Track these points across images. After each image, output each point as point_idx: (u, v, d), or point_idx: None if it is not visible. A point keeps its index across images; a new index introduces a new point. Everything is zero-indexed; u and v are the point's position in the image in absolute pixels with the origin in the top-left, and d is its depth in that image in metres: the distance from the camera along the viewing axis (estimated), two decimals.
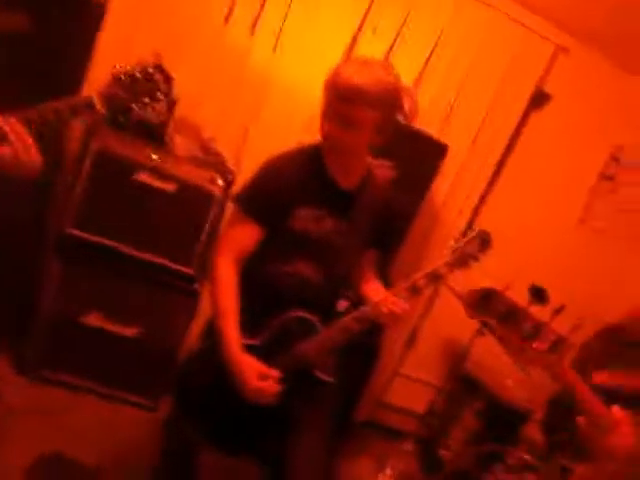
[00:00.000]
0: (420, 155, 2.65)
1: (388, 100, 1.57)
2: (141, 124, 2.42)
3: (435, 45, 2.78)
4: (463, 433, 2.73)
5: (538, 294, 2.56)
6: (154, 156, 2.38)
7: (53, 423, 2.22)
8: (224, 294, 1.61)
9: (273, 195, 1.62)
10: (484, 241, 1.66)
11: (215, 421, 1.67)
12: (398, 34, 2.73)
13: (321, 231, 1.65)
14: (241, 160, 2.72)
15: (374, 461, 2.69)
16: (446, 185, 2.93)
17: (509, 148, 2.97)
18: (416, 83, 2.80)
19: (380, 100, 1.54)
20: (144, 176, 2.36)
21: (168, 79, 1.49)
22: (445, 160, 2.74)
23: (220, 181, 2.43)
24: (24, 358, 2.43)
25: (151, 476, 1.94)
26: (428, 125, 2.81)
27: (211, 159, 2.56)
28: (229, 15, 2.62)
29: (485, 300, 1.44)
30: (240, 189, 1.69)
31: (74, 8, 2.31)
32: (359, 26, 2.71)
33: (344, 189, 1.68)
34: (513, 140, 2.96)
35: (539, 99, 2.90)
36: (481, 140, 2.92)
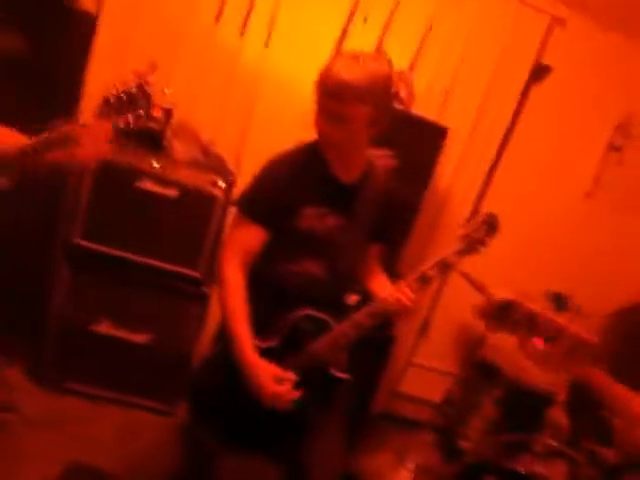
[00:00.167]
0: (421, 141, 2.60)
1: (380, 92, 1.54)
2: (141, 132, 2.44)
3: (428, 27, 2.72)
4: (482, 422, 2.67)
5: (558, 300, 2.53)
6: (155, 163, 2.40)
7: (69, 433, 2.25)
8: (233, 298, 1.61)
9: (275, 196, 1.61)
10: (491, 225, 1.63)
11: (231, 424, 1.66)
12: (389, 20, 2.68)
13: (326, 228, 1.63)
14: (241, 160, 2.72)
15: (394, 454, 2.67)
16: (449, 169, 2.87)
17: (511, 125, 2.89)
18: (411, 67, 2.74)
19: (371, 93, 1.51)
20: (146, 183, 2.38)
21: (149, 98, 1.55)
22: (446, 143, 2.69)
23: (222, 183, 2.44)
24: (38, 368, 2.47)
25: None
26: (426, 109, 2.76)
27: (211, 162, 2.56)
28: (219, 14, 2.61)
29: (503, 312, 1.41)
30: (241, 192, 1.68)
31: (66, 23, 2.33)
32: (350, 16, 2.67)
33: (346, 184, 1.66)
34: (515, 117, 2.88)
35: (539, 72, 2.83)
36: (482, 120, 2.85)
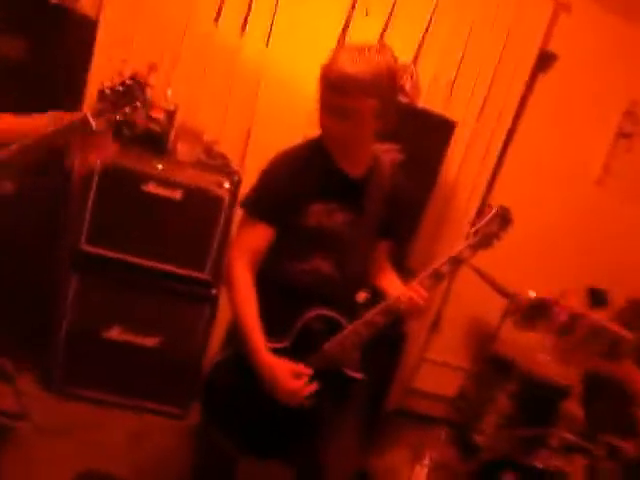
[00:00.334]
0: (427, 134, 2.56)
1: (385, 84, 1.50)
2: (144, 135, 2.43)
3: (431, 18, 2.69)
4: (497, 416, 2.64)
5: (597, 297, 2.50)
6: (159, 166, 2.38)
7: (81, 439, 2.24)
8: (243, 298, 1.59)
9: (281, 194, 1.59)
10: (504, 218, 1.60)
11: (245, 426, 1.65)
12: (391, 12, 2.65)
13: (334, 225, 1.61)
14: (245, 160, 2.70)
15: (409, 451, 2.64)
16: (456, 162, 2.83)
17: (518, 115, 2.85)
18: (415, 60, 2.71)
19: (375, 86, 1.48)
20: (151, 186, 2.37)
21: (142, 87, 1.54)
22: (454, 137, 2.66)
23: (227, 183, 2.42)
24: (49, 375, 2.47)
25: None
26: (432, 102, 2.73)
27: (216, 162, 2.55)
28: (218, 14, 2.59)
29: (538, 311, 1.39)
30: (247, 193, 1.66)
31: (66, 27, 2.32)
32: (351, 9, 2.64)
33: (352, 179, 1.63)
34: (522, 106, 2.84)
35: (545, 60, 2.79)
36: (488, 110, 2.82)
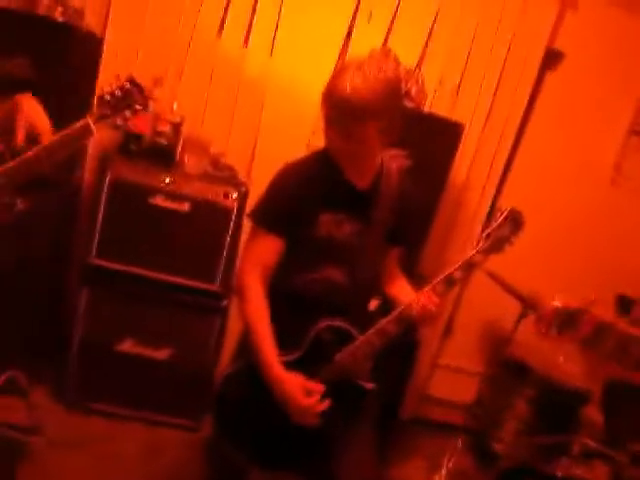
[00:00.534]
0: (435, 138, 2.54)
1: (392, 103, 1.49)
2: (151, 149, 2.45)
3: (434, 21, 2.66)
4: (516, 423, 2.57)
5: (625, 304, 2.45)
6: (167, 179, 2.40)
7: (94, 453, 2.24)
8: (255, 311, 1.58)
9: (289, 205, 1.58)
10: (516, 221, 1.57)
11: (258, 439, 1.63)
12: (394, 17, 2.64)
13: (343, 235, 1.60)
14: (252, 170, 2.71)
15: (426, 460, 2.59)
16: (465, 165, 2.80)
17: (527, 115, 2.79)
18: (420, 64, 2.69)
19: (384, 108, 1.46)
20: (159, 199, 2.39)
21: (141, 90, 1.54)
22: (462, 140, 2.63)
23: (234, 194, 2.43)
24: (62, 389, 2.48)
25: None
26: (439, 106, 2.71)
27: (222, 173, 2.56)
28: (221, 27, 2.61)
29: (570, 319, 1.36)
30: (255, 205, 1.65)
31: (72, 44, 2.34)
32: (353, 16, 2.63)
33: (360, 190, 1.62)
34: (530, 106, 2.78)
35: (552, 59, 2.74)
36: (496, 112, 2.78)
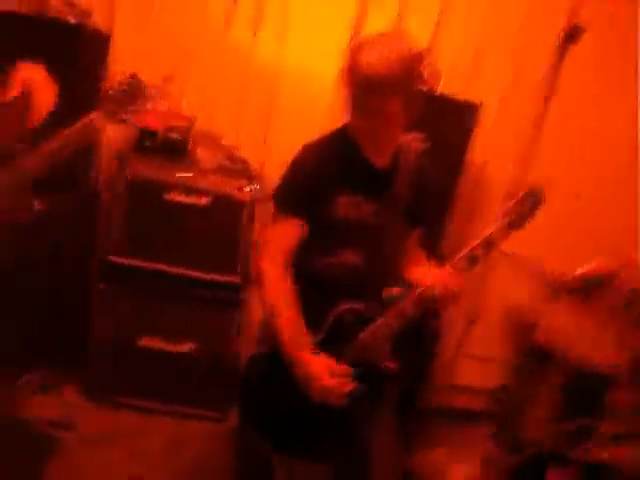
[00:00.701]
0: (451, 120, 2.50)
1: (413, 77, 1.49)
2: (165, 145, 2.48)
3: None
4: (542, 409, 2.50)
5: None
6: (181, 174, 2.41)
7: (125, 447, 2.27)
8: (275, 297, 1.58)
9: (307, 186, 1.58)
10: (536, 197, 1.54)
11: (282, 425, 1.64)
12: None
13: (361, 216, 1.59)
14: (266, 161, 2.70)
15: (451, 449, 2.57)
16: (484, 144, 2.71)
17: (549, 91, 2.75)
18: (433, 43, 2.62)
19: (405, 82, 1.46)
20: (175, 195, 2.40)
21: (142, 85, 1.55)
22: (479, 119, 2.57)
23: (248, 187, 2.44)
24: (90, 385, 2.52)
25: None
26: (454, 87, 2.63)
27: (236, 166, 2.56)
28: (230, 17, 2.59)
29: (590, 288, 1.35)
30: (275, 189, 1.65)
31: (80, 43, 2.35)
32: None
33: (378, 169, 1.62)
34: (551, 82, 2.73)
35: (572, 33, 2.68)
36: (515, 89, 2.68)
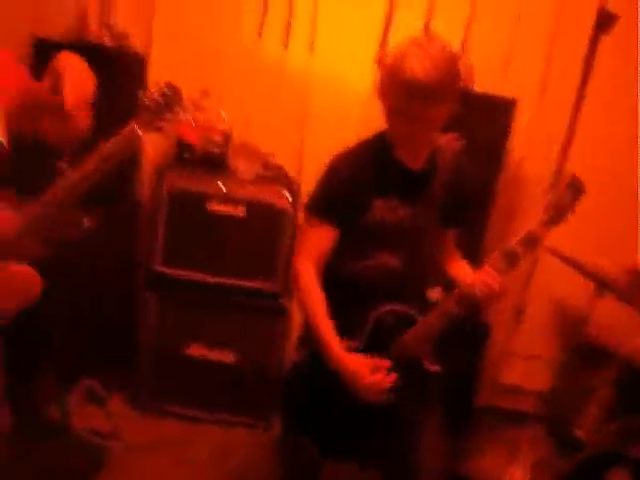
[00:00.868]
0: (488, 118, 2.46)
1: (456, 82, 1.49)
2: (204, 158, 2.52)
3: None
4: (597, 407, 2.43)
5: None
6: (221, 185, 2.45)
7: (171, 455, 2.30)
8: (313, 302, 1.59)
9: (343, 192, 1.59)
10: (576, 188, 1.50)
11: (327, 429, 1.63)
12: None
13: (398, 219, 1.59)
14: (303, 168, 2.72)
15: (503, 450, 2.50)
16: (523, 140, 2.68)
17: (583, 83, 2.60)
18: (465, 43, 2.60)
19: (451, 89, 1.47)
20: (216, 205, 2.45)
21: (178, 93, 1.58)
22: (516, 115, 2.53)
23: (287, 194, 2.45)
24: (136, 394, 2.58)
25: None
26: (488, 84, 2.59)
27: (274, 174, 2.59)
28: (261, 29, 2.64)
29: None
30: (309, 196, 1.67)
31: (117, 67, 2.42)
32: (391, 4, 2.58)
33: (415, 172, 1.62)
34: (587, 72, 2.63)
35: (604, 21, 2.58)
36: (550, 82, 2.64)
